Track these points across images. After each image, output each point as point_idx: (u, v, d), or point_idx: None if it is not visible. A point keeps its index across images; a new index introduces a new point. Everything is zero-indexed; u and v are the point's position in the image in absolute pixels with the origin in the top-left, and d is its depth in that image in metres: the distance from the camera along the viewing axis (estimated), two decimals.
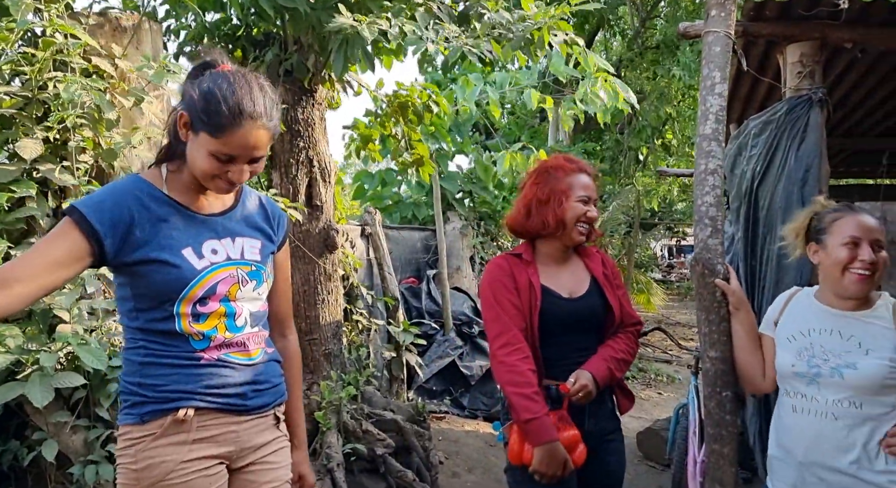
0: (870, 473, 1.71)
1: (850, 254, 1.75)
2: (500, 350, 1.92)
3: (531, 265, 2.04)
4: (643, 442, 5.42)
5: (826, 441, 1.75)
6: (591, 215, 2.03)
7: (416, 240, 7.03)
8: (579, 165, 2.08)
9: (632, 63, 9.74)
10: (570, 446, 1.88)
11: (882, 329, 1.77)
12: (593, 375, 1.92)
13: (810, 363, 1.81)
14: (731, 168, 3.23)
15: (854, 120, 4.25)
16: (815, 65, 2.65)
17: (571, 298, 2.03)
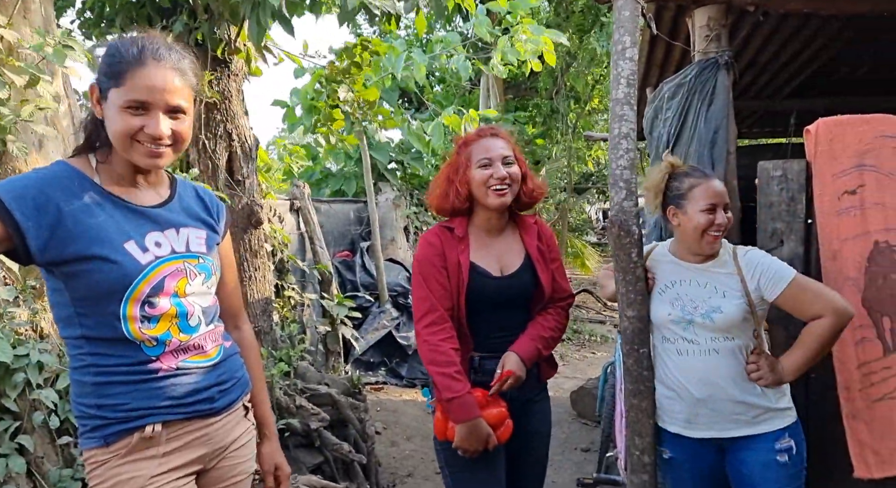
0: (752, 396, 1.99)
1: (709, 219, 2.00)
2: (425, 329, 1.94)
3: (463, 241, 2.04)
4: (576, 401, 5.62)
5: (714, 373, 2.00)
6: (500, 175, 1.98)
7: (349, 213, 6.96)
8: (481, 132, 2.08)
9: (559, 27, 9.78)
10: (495, 423, 1.93)
11: (728, 274, 2.06)
12: (521, 358, 1.97)
13: (684, 310, 2.04)
14: (650, 131, 3.31)
15: (762, 82, 4.41)
16: (722, 28, 2.72)
17: (501, 276, 2.05)
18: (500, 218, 2.08)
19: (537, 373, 2.15)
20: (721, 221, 2.00)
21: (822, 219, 2.52)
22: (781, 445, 1.96)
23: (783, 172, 2.60)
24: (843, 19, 3.01)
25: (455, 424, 1.90)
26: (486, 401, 1.95)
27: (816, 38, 3.37)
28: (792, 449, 1.97)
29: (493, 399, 1.97)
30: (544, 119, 10.76)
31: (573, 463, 4.46)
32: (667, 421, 2.12)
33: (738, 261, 2.07)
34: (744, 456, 2.00)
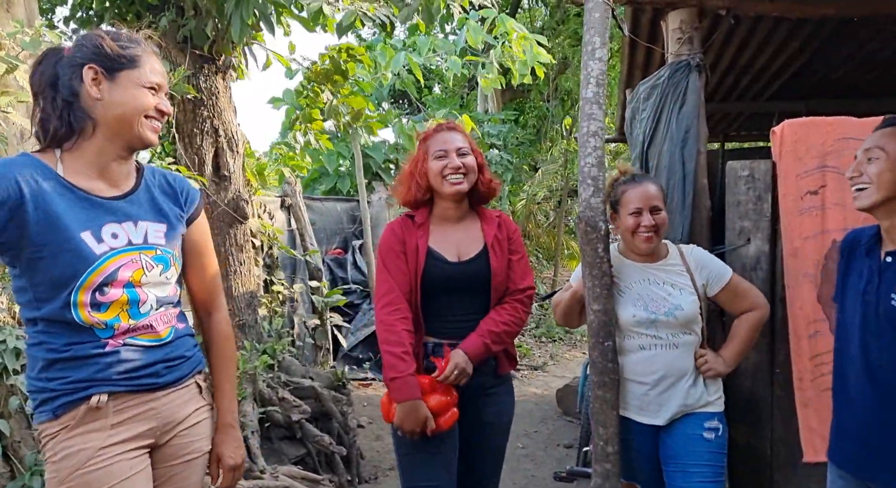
0: (698, 387, 2.17)
1: (636, 221, 2.16)
2: (382, 309, 2.03)
3: (423, 227, 2.12)
4: (562, 398, 5.67)
5: (672, 366, 2.16)
6: (453, 165, 2.07)
7: (341, 212, 7.02)
8: (439, 128, 2.19)
9: (554, 31, 9.85)
10: (438, 410, 1.98)
11: (678, 270, 2.21)
12: (467, 354, 2.01)
13: (647, 310, 2.16)
14: (630, 131, 3.37)
15: (744, 84, 4.47)
16: (694, 31, 2.78)
17: (458, 262, 2.11)
18: (458, 207, 2.16)
19: (495, 366, 2.18)
20: (647, 223, 2.13)
21: (786, 218, 2.59)
22: (710, 424, 2.14)
23: (750, 172, 2.66)
24: (814, 23, 3.07)
25: (396, 403, 1.96)
26: (432, 387, 1.99)
27: (790, 41, 3.43)
28: (718, 429, 2.15)
29: (442, 386, 2.01)
30: (536, 121, 10.81)
31: (555, 458, 4.52)
32: (625, 407, 2.25)
33: (686, 258, 2.23)
34: (675, 431, 2.17)
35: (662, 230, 2.18)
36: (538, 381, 6.96)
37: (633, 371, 2.21)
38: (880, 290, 1.74)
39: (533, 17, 11.01)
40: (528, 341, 8.54)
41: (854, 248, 1.91)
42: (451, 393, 2.02)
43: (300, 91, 3.90)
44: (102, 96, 1.40)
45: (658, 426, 2.18)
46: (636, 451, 2.26)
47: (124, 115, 1.41)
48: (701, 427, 2.14)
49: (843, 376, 1.86)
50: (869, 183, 1.70)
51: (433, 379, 2.01)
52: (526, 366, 7.44)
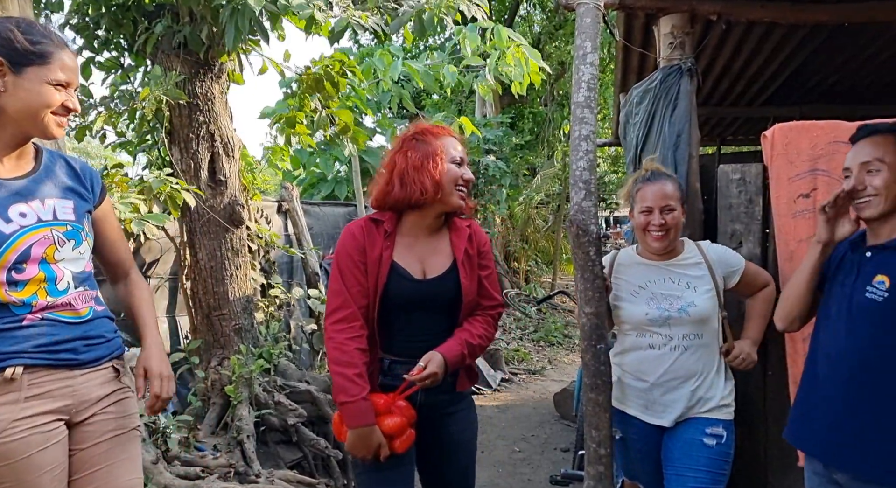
0: (707, 391, 2.17)
1: (646, 219, 2.19)
2: (334, 326, 1.83)
3: (389, 237, 1.92)
4: (560, 403, 5.68)
5: (679, 368, 2.16)
6: (468, 177, 1.95)
7: (339, 217, 7.03)
8: (446, 130, 2.02)
9: (552, 36, 9.89)
10: (394, 432, 1.83)
11: (696, 265, 2.22)
12: (445, 358, 1.86)
13: (660, 308, 2.16)
14: (624, 135, 3.39)
15: (739, 89, 4.49)
16: (685, 36, 2.80)
17: (423, 280, 1.94)
18: (437, 218, 1.99)
19: (453, 382, 2.03)
20: (656, 222, 2.15)
21: (779, 221, 2.60)
22: (712, 431, 2.13)
23: (742, 175, 2.68)
24: (807, 29, 3.09)
25: (348, 428, 1.80)
26: (388, 408, 1.84)
27: (783, 46, 3.45)
28: (722, 437, 2.14)
29: (399, 406, 1.86)
30: (534, 126, 10.84)
31: (551, 462, 4.52)
32: (627, 405, 2.27)
33: (705, 252, 2.24)
34: (676, 434, 2.17)
35: (675, 230, 2.17)
36: (536, 385, 6.96)
37: (638, 369, 2.23)
38: (857, 283, 1.82)
39: (531, 23, 11.05)
40: (526, 345, 8.55)
41: (842, 243, 1.96)
42: (408, 414, 1.87)
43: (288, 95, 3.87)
44: (7, 88, 1.43)
45: (663, 427, 2.19)
46: (638, 451, 2.28)
47: (28, 110, 1.45)
48: (702, 432, 2.14)
49: (814, 363, 1.93)
50: (875, 194, 1.76)
51: (388, 398, 1.86)
52: (524, 371, 7.45)
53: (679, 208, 2.18)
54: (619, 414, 2.29)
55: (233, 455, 3.17)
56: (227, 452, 3.19)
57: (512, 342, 8.53)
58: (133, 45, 3.27)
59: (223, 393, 3.50)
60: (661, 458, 2.22)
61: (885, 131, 1.79)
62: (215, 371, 3.57)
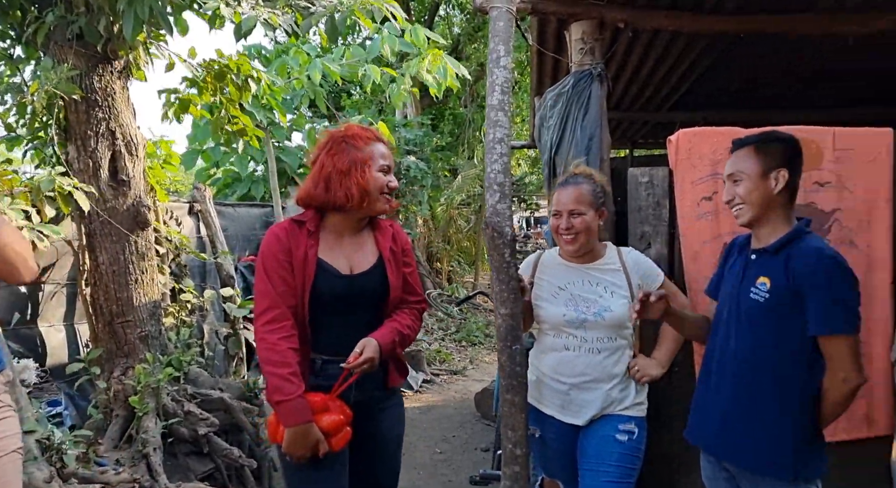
0: (621, 392, 2.23)
1: (556, 222, 2.25)
2: (264, 327, 1.85)
3: (313, 236, 1.95)
4: (480, 402, 5.72)
5: (594, 370, 2.22)
6: (394, 185, 2.01)
7: (255, 218, 6.82)
8: (376, 135, 2.04)
9: (471, 37, 9.97)
10: (331, 430, 1.86)
11: (614, 271, 2.26)
12: (379, 344, 1.91)
13: (577, 310, 2.20)
14: (539, 138, 3.45)
15: (648, 94, 4.67)
16: (595, 42, 2.87)
17: (350, 275, 1.98)
18: (361, 220, 2.05)
19: (384, 378, 2.09)
20: (564, 226, 2.21)
21: (684, 223, 2.71)
22: (625, 427, 2.20)
23: (649, 179, 2.77)
24: (708, 38, 3.23)
25: (285, 428, 1.81)
26: (325, 406, 1.87)
27: (687, 54, 3.61)
28: (634, 433, 2.21)
29: (335, 404, 1.89)
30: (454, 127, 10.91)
31: (472, 462, 4.55)
32: (545, 404, 2.31)
33: (623, 258, 2.30)
34: (590, 431, 2.23)
35: (585, 234, 2.20)
36: (458, 386, 6.99)
37: (555, 370, 2.27)
38: (743, 285, 1.94)
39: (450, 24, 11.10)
40: (448, 346, 8.58)
41: (733, 247, 2.11)
42: (344, 412, 1.91)
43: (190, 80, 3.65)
44: None
45: (578, 425, 2.24)
46: (555, 450, 2.33)
47: None
48: (615, 429, 2.20)
49: (708, 363, 2.06)
50: (742, 203, 1.89)
51: (325, 397, 1.88)
52: (446, 371, 7.47)
53: (590, 213, 2.21)
54: (536, 413, 2.33)
55: (137, 469, 3.01)
56: (131, 466, 3.02)
57: (434, 343, 8.54)
58: (22, 35, 3.04)
59: (127, 405, 3.31)
60: (577, 455, 2.27)
61: (747, 143, 1.92)
62: (118, 381, 3.37)
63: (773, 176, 1.85)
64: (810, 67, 3.88)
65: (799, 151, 1.91)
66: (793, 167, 1.87)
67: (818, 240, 1.86)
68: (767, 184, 1.86)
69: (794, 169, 1.88)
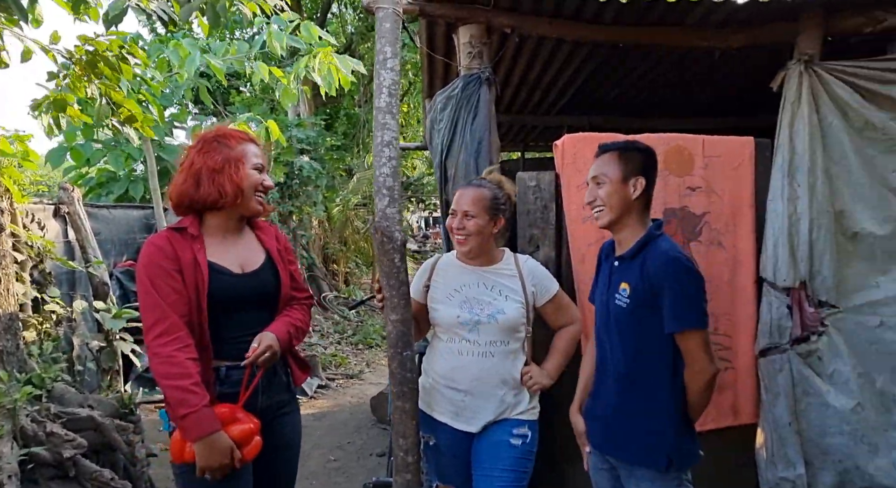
0: (514, 396, 2.24)
1: (450, 222, 2.26)
2: (156, 341, 1.77)
3: (197, 240, 1.91)
4: (376, 406, 5.65)
5: (487, 374, 2.22)
6: (268, 184, 2.02)
7: (134, 221, 6.38)
8: (248, 136, 2.04)
9: (364, 36, 9.86)
10: (241, 440, 1.81)
11: (510, 276, 2.28)
12: (277, 336, 1.93)
13: (472, 312, 2.20)
14: (430, 141, 3.43)
15: (536, 99, 4.79)
16: (483, 46, 2.89)
17: (243, 274, 1.97)
18: (240, 220, 2.05)
19: (287, 381, 2.10)
20: (457, 225, 2.22)
21: (571, 226, 2.78)
22: (518, 431, 2.22)
23: (537, 183, 2.82)
24: (589, 46, 3.35)
25: (192, 443, 1.73)
26: (233, 416, 1.82)
27: (571, 61, 3.73)
28: (527, 436, 2.24)
29: (243, 414, 1.86)
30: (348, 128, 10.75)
31: (367, 469, 4.47)
32: (437, 411, 2.30)
33: (520, 264, 2.32)
34: (484, 437, 2.23)
35: (476, 237, 2.22)
36: (354, 390, 6.89)
37: (448, 376, 2.26)
38: (609, 292, 2.04)
39: (344, 22, 10.92)
40: (344, 349, 8.44)
41: (602, 254, 2.20)
42: (253, 420, 1.87)
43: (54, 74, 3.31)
44: None
45: (472, 433, 2.24)
46: (449, 457, 2.31)
47: None
48: (509, 433, 2.22)
49: (597, 367, 2.14)
50: (603, 205, 1.98)
51: (232, 407, 1.84)
52: (342, 375, 7.34)
53: (484, 217, 2.23)
54: (428, 420, 2.32)
55: None
56: None
57: (330, 346, 8.38)
58: None
59: None
60: (471, 460, 2.27)
61: (611, 149, 2.02)
62: None
63: (631, 182, 1.95)
64: (684, 78, 4.11)
65: (655, 162, 2.03)
66: (649, 176, 1.99)
67: (667, 242, 1.95)
68: (627, 190, 1.96)
69: (650, 178, 1.99)
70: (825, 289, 2.70)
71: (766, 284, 2.76)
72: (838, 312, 2.70)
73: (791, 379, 2.70)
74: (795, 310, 2.71)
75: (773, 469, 2.76)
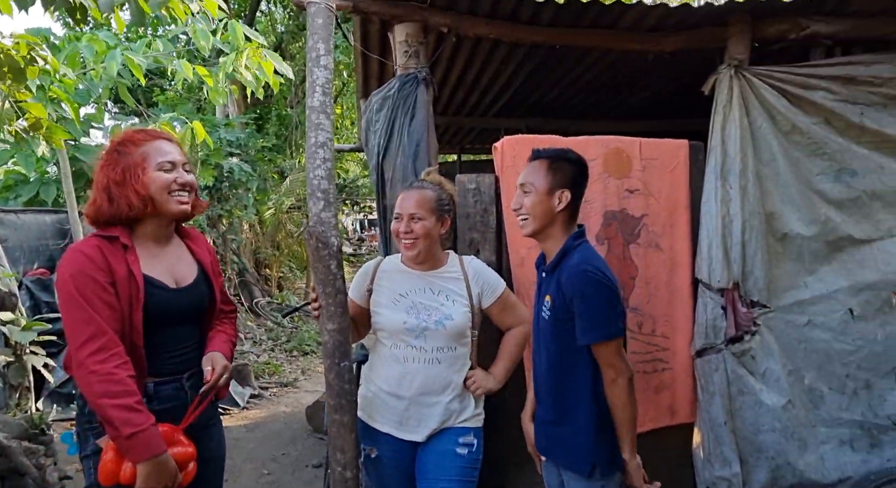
0: (460, 403, 2.18)
1: (396, 226, 2.17)
2: (92, 357, 1.64)
3: (130, 251, 1.80)
4: (312, 415, 5.48)
5: (434, 381, 2.14)
6: (183, 180, 1.88)
7: (46, 226, 5.98)
8: (153, 134, 1.91)
9: (295, 36, 9.62)
10: (181, 463, 1.73)
11: (456, 280, 2.21)
12: (225, 356, 1.91)
13: (419, 318, 2.13)
14: (366, 142, 3.33)
15: (473, 100, 4.75)
16: (420, 45, 2.82)
17: (178, 288, 1.90)
18: (170, 226, 1.95)
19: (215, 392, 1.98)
20: (404, 229, 2.14)
21: (511, 230, 2.74)
22: (464, 440, 2.17)
23: (477, 185, 2.77)
24: (527, 47, 3.32)
25: (136, 464, 1.64)
26: (172, 438, 1.75)
27: (508, 62, 3.70)
28: (473, 445, 2.19)
29: (181, 437, 1.78)
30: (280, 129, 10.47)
31: (303, 482, 4.31)
32: (379, 421, 2.21)
33: (465, 266, 2.25)
34: (429, 446, 2.17)
35: (424, 240, 2.15)
36: (288, 399, 6.66)
37: (392, 384, 2.17)
38: (538, 304, 2.04)
39: (273, 21, 10.63)
40: (278, 357, 8.18)
41: (537, 264, 2.17)
42: (191, 445, 1.79)
43: None
44: None
45: (416, 442, 2.17)
46: (392, 469, 2.23)
47: None
48: (455, 442, 2.16)
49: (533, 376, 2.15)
50: (527, 215, 1.96)
51: (174, 427, 1.77)
52: (276, 384, 7.10)
53: (431, 219, 2.16)
54: (369, 431, 2.23)
55: None
56: None
57: (263, 354, 8.10)
58: None
59: None
60: (415, 472, 2.20)
61: (542, 157, 2.00)
62: None
63: (557, 194, 1.93)
64: (618, 80, 4.15)
65: (585, 173, 2.01)
66: (576, 188, 1.96)
67: (580, 253, 1.92)
68: (552, 201, 1.94)
69: (577, 190, 1.97)
70: (757, 289, 2.76)
71: (702, 285, 2.80)
72: (769, 312, 2.77)
73: (726, 378, 2.75)
74: (729, 311, 2.75)
75: (709, 467, 2.80)
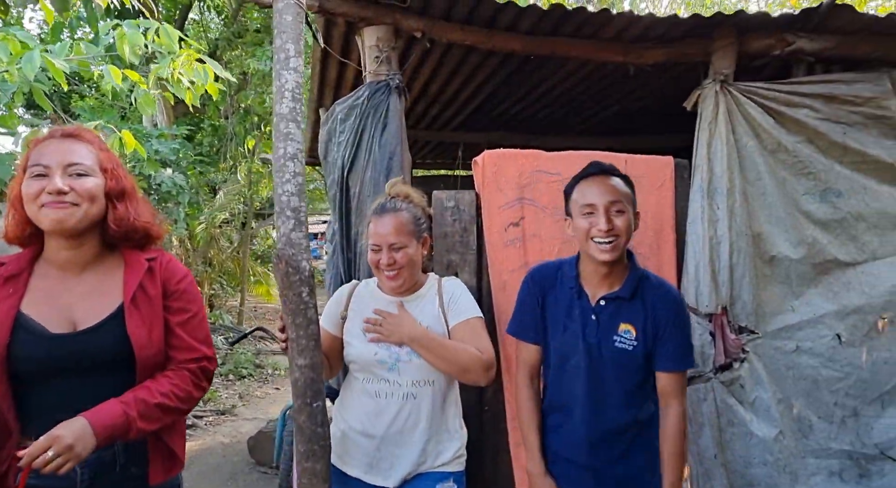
0: (438, 443, 1.93)
1: (375, 257, 1.91)
2: None
3: (13, 281, 1.49)
4: (255, 448, 5.09)
5: (408, 419, 1.89)
6: (52, 187, 1.44)
7: None
8: (52, 133, 1.53)
9: (230, 43, 9.19)
10: None
11: (431, 298, 1.98)
12: (91, 424, 1.37)
13: (390, 349, 1.89)
14: (325, 155, 3.06)
15: (434, 113, 4.55)
16: (392, 51, 2.59)
17: (67, 334, 1.47)
18: (74, 248, 1.53)
19: (141, 472, 1.57)
20: (386, 261, 1.89)
21: (492, 251, 2.53)
22: (443, 486, 1.93)
23: (456, 203, 2.55)
24: (500, 57, 3.15)
25: None
26: None
27: (476, 73, 3.52)
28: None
29: None
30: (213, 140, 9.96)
31: None
32: (349, 463, 1.95)
33: (441, 287, 2.01)
34: None
35: (409, 268, 1.91)
36: (226, 428, 6.21)
37: (363, 421, 1.92)
38: (600, 333, 1.82)
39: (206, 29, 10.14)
40: (213, 382, 7.68)
41: (552, 285, 1.94)
42: None
43: None
44: None
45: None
46: None
47: None
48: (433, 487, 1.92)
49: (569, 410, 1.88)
50: (619, 235, 1.76)
51: None
52: (211, 412, 6.62)
53: (413, 244, 1.92)
54: (339, 476, 1.96)
55: None
56: None
57: None
58: None
59: None
60: None
61: (614, 174, 1.85)
62: None
63: (635, 213, 1.83)
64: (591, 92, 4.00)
65: None
66: None
67: (655, 276, 1.85)
68: (636, 220, 1.83)
69: None
70: (745, 314, 2.66)
71: (689, 310, 2.68)
72: (758, 338, 2.67)
73: (716, 408, 2.62)
74: (718, 337, 2.64)
75: None
